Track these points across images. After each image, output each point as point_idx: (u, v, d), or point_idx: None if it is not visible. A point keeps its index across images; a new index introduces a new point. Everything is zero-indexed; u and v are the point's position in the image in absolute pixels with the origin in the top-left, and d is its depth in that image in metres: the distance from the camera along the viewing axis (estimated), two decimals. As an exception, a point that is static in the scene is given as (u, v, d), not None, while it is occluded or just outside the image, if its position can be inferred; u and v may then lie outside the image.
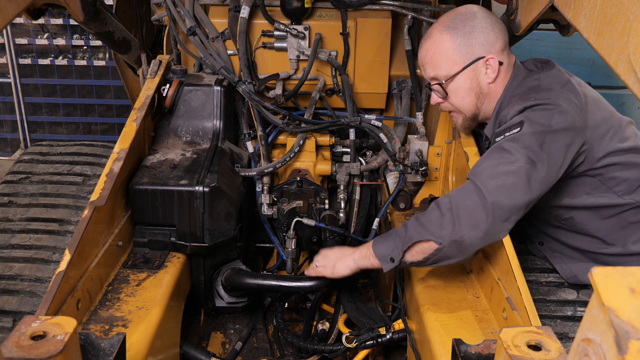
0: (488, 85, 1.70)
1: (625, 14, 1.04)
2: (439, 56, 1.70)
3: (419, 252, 1.53)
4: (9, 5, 1.31)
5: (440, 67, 1.71)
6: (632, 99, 4.28)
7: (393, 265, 1.58)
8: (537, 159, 1.47)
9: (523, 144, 1.49)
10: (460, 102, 1.75)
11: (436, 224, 1.49)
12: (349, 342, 1.76)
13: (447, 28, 1.69)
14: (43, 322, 0.92)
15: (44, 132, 5.03)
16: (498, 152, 1.53)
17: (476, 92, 1.72)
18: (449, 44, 1.68)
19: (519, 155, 1.48)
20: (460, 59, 1.68)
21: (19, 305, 1.63)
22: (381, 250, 1.59)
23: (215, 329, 2.20)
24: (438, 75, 1.73)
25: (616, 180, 1.63)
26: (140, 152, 1.90)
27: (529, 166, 1.46)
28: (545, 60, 1.76)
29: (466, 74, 1.69)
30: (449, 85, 1.73)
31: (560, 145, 1.51)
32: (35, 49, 4.74)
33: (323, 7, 2.24)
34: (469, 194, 1.48)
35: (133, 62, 2.58)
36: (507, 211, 1.45)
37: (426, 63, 1.75)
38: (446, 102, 1.79)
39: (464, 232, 1.45)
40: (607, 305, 0.55)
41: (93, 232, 1.55)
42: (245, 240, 2.12)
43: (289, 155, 2.15)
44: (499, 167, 1.48)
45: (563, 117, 1.51)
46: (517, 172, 1.46)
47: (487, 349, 1.06)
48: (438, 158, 2.12)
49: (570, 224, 1.73)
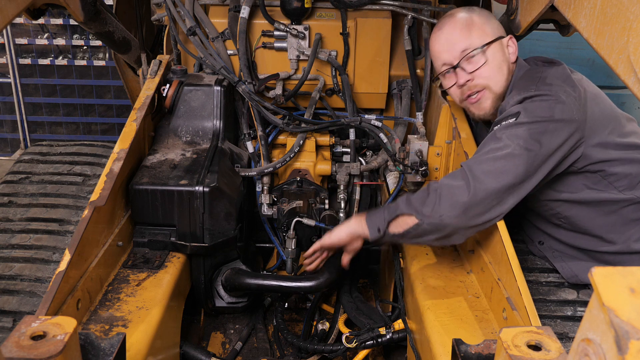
0: (511, 64, 1.74)
1: (625, 14, 1.04)
2: (472, 27, 1.72)
3: (401, 225, 1.61)
4: (9, 5, 1.31)
5: (473, 37, 1.71)
6: (632, 99, 4.28)
7: (379, 235, 1.66)
8: (527, 147, 1.50)
9: (515, 133, 1.53)
10: (497, 71, 1.71)
11: (420, 201, 1.57)
12: (349, 342, 1.76)
13: (467, 10, 1.75)
14: (43, 322, 0.92)
15: (44, 132, 5.03)
16: (491, 139, 1.58)
17: (508, 67, 1.73)
18: (477, 18, 1.73)
19: (509, 142, 1.52)
20: (490, 31, 1.72)
21: (19, 305, 1.63)
22: (372, 220, 1.68)
23: (215, 329, 2.20)
24: (472, 44, 1.71)
25: (617, 176, 1.64)
26: (140, 152, 1.90)
27: (517, 153, 1.50)
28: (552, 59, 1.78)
29: (497, 46, 1.72)
30: (486, 53, 1.70)
31: (553, 136, 1.53)
32: (35, 49, 4.74)
33: (323, 7, 2.24)
34: (455, 177, 1.55)
35: (133, 62, 2.58)
36: (489, 194, 1.49)
37: (456, 37, 1.72)
38: (476, 78, 1.72)
39: (442, 212, 1.51)
40: (607, 305, 0.55)
41: (93, 232, 1.55)
42: (245, 240, 2.12)
43: (289, 155, 2.15)
44: (489, 154, 1.53)
45: (561, 109, 1.53)
46: (504, 157, 1.51)
47: (487, 349, 1.06)
48: (438, 158, 2.12)
49: (570, 222, 1.73)
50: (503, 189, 1.49)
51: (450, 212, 1.50)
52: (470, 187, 1.48)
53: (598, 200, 1.66)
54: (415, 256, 1.84)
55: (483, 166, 1.51)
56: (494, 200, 1.50)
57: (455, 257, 1.84)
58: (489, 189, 1.48)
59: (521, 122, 1.53)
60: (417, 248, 1.88)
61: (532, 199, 1.75)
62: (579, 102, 1.56)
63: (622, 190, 1.65)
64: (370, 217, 1.70)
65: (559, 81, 1.60)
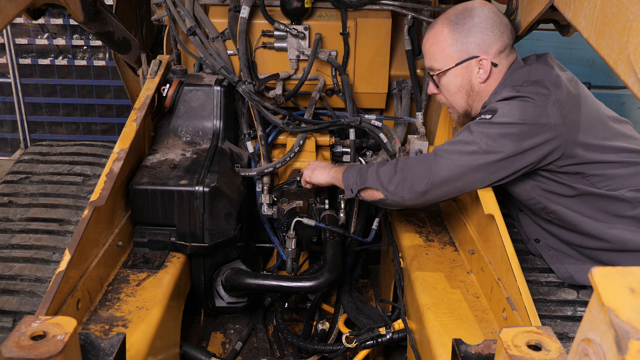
0: (479, 84, 1.74)
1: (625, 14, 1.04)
2: (436, 48, 1.75)
3: (369, 195, 1.78)
4: (9, 5, 1.31)
5: (435, 59, 1.77)
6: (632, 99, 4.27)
7: (352, 196, 1.82)
8: (493, 148, 1.56)
9: (486, 132, 1.57)
10: (451, 97, 1.80)
11: (387, 178, 1.70)
12: (349, 342, 1.76)
13: (449, 22, 1.73)
14: (43, 322, 0.92)
15: (44, 132, 5.03)
16: (465, 131, 1.64)
17: (467, 90, 1.76)
18: (447, 37, 1.72)
19: (477, 139, 1.58)
20: (455, 54, 1.72)
21: (19, 305, 1.63)
22: (347, 179, 1.83)
23: (215, 329, 2.20)
24: (433, 66, 1.79)
25: (600, 177, 1.63)
26: (140, 152, 1.90)
27: (482, 152, 1.57)
28: (543, 54, 1.78)
29: (458, 71, 1.73)
30: (441, 79, 1.78)
31: (523, 139, 1.55)
32: (35, 49, 4.74)
33: (323, 7, 2.24)
34: (422, 162, 1.66)
35: (133, 62, 2.58)
36: (446, 186, 1.62)
37: (425, 52, 1.82)
38: (440, 95, 1.84)
39: (404, 194, 1.67)
40: (607, 305, 0.55)
41: (93, 232, 1.55)
42: (245, 240, 2.12)
43: (289, 155, 2.15)
44: (457, 146, 1.62)
45: (537, 113, 1.54)
46: (469, 154, 1.58)
47: (487, 349, 1.06)
48: (438, 158, 2.11)
49: (558, 218, 1.72)
50: (461, 184, 1.62)
51: (410, 195, 1.66)
52: (430, 176, 1.61)
53: (583, 193, 1.65)
54: (415, 256, 1.84)
55: (448, 159, 1.61)
56: (450, 191, 1.64)
57: (455, 257, 1.84)
58: (446, 179, 1.61)
59: (495, 122, 1.57)
60: (417, 248, 1.88)
61: (522, 193, 1.75)
62: (559, 106, 1.56)
63: (607, 190, 1.63)
64: (346, 175, 1.83)
65: (545, 83, 1.60)
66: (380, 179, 1.71)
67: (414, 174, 1.65)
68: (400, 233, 1.98)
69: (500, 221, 1.55)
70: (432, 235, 1.95)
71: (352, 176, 1.81)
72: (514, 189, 1.75)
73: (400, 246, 1.94)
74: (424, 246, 1.89)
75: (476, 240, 1.73)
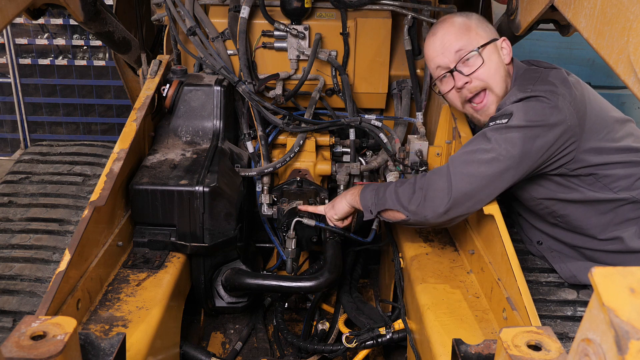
0: (506, 66, 1.73)
1: (625, 14, 1.04)
2: (465, 29, 1.72)
3: (391, 216, 1.72)
4: (9, 5, 1.31)
5: (468, 38, 1.70)
6: (632, 99, 4.27)
7: (371, 217, 1.76)
8: (513, 154, 1.53)
9: (505, 138, 1.54)
10: (494, 72, 1.69)
11: (407, 199, 1.64)
12: (349, 342, 1.76)
13: (459, 16, 1.75)
14: (43, 322, 0.92)
15: (44, 132, 5.03)
16: (480, 138, 1.59)
17: (505, 68, 1.73)
18: (469, 22, 1.73)
19: (496, 146, 1.53)
20: (484, 34, 1.72)
21: (19, 305, 1.63)
22: (364, 200, 1.77)
23: (215, 329, 2.20)
24: (467, 45, 1.69)
25: (611, 177, 1.64)
26: (140, 152, 1.90)
27: (502, 159, 1.53)
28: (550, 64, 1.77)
29: (492, 48, 1.71)
30: (483, 52, 1.69)
31: (542, 140, 1.54)
32: (35, 49, 4.74)
33: (323, 7, 2.24)
34: (440, 177, 1.59)
35: (133, 62, 2.58)
36: (469, 198, 1.56)
37: (450, 41, 1.70)
38: (475, 80, 1.69)
39: (427, 213, 1.60)
40: (607, 305, 0.55)
41: (93, 232, 1.55)
42: (245, 240, 2.12)
43: (289, 155, 2.15)
44: (475, 155, 1.56)
45: (553, 113, 1.53)
46: (488, 162, 1.53)
47: (487, 349, 1.06)
48: (438, 158, 2.12)
49: (566, 221, 1.73)
50: (482, 193, 1.56)
51: (433, 214, 1.60)
52: (451, 193, 1.55)
53: (593, 199, 1.66)
54: (415, 256, 1.84)
55: (466, 168, 1.55)
56: (473, 201, 1.57)
57: (455, 257, 1.84)
58: (468, 193, 1.55)
59: (512, 126, 1.54)
60: (417, 248, 1.88)
61: (528, 198, 1.75)
62: (573, 106, 1.56)
63: (617, 191, 1.65)
64: (363, 196, 1.78)
65: (557, 82, 1.60)
66: (400, 200, 1.65)
67: (434, 192, 1.58)
68: (400, 233, 1.98)
69: (500, 221, 1.55)
70: (432, 235, 1.95)
71: (369, 197, 1.75)
72: (522, 193, 1.75)
73: (400, 246, 1.94)
74: (424, 246, 1.89)
75: (476, 240, 1.73)
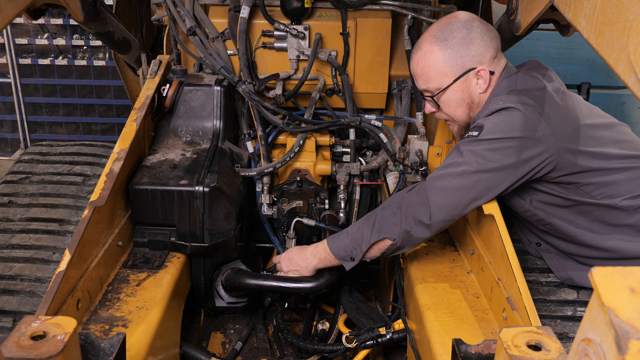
0: (479, 95, 1.69)
1: (625, 14, 1.04)
2: (429, 69, 1.68)
3: (377, 250, 1.68)
4: (9, 5, 1.31)
5: (431, 80, 1.70)
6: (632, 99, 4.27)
7: (353, 264, 1.72)
8: (485, 164, 1.53)
9: (475, 150, 1.54)
10: (452, 112, 1.74)
11: (389, 223, 1.64)
12: (349, 342, 1.76)
13: (437, 40, 1.66)
14: (43, 322, 0.92)
15: (44, 132, 5.03)
16: (454, 152, 1.61)
17: (468, 103, 1.71)
18: (439, 56, 1.66)
19: (468, 159, 1.55)
20: (450, 71, 1.66)
21: (19, 305, 1.63)
22: (339, 253, 1.73)
23: (215, 329, 2.20)
24: (429, 87, 1.72)
25: (593, 185, 1.61)
26: (140, 152, 1.90)
27: (473, 171, 1.54)
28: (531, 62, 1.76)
29: (457, 86, 1.68)
30: (440, 98, 1.71)
31: (514, 152, 1.52)
32: (35, 49, 4.74)
33: (323, 7, 2.24)
34: (416, 193, 1.62)
35: (133, 62, 2.58)
36: (448, 211, 1.58)
37: (417, 75, 1.74)
38: (440, 112, 1.78)
39: (410, 228, 1.61)
40: (607, 305, 0.55)
41: (93, 232, 1.55)
42: (245, 240, 2.12)
43: (289, 155, 2.15)
44: (448, 169, 1.58)
45: (524, 125, 1.51)
46: (461, 175, 1.55)
47: (487, 349, 1.06)
48: (438, 158, 2.12)
49: (555, 229, 1.72)
50: (460, 205, 1.58)
51: (417, 227, 1.61)
52: (430, 207, 1.57)
53: (579, 203, 1.64)
54: (415, 256, 1.84)
55: (442, 182, 1.58)
56: (454, 213, 1.59)
57: (455, 257, 1.84)
58: (447, 206, 1.57)
59: (482, 139, 1.54)
60: (417, 248, 1.88)
61: (517, 206, 1.74)
62: (546, 117, 1.53)
63: (601, 198, 1.62)
64: (335, 249, 1.74)
65: (531, 93, 1.58)
66: (383, 228, 1.64)
67: (413, 208, 1.60)
68: (400, 233, 1.98)
69: (500, 221, 1.55)
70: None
71: (342, 246, 1.72)
72: (510, 202, 1.74)
73: (400, 246, 1.94)
74: (424, 246, 1.89)
75: (476, 240, 1.73)
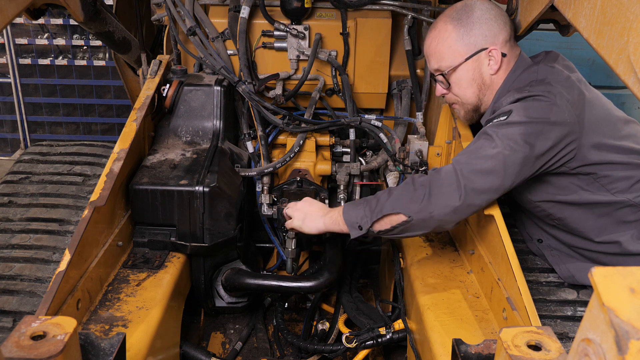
0: (490, 76, 1.73)
1: (625, 14, 1.04)
2: (442, 47, 1.73)
3: (387, 223, 1.59)
4: (9, 5, 1.31)
5: (443, 58, 1.74)
6: (632, 99, 4.27)
7: (360, 233, 1.64)
8: (516, 147, 1.51)
9: (506, 133, 1.53)
10: (462, 92, 1.77)
11: (407, 198, 1.55)
12: (349, 342, 1.76)
13: (451, 19, 1.72)
14: (43, 322, 0.92)
15: (44, 132, 5.03)
16: (482, 137, 1.59)
17: (478, 83, 1.74)
18: (452, 34, 1.71)
19: (499, 142, 1.53)
20: (463, 49, 1.71)
21: (19, 305, 1.63)
22: (350, 217, 1.65)
23: (215, 329, 2.20)
24: (441, 66, 1.76)
25: (610, 178, 1.63)
26: (140, 152, 1.90)
27: (507, 152, 1.51)
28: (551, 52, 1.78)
29: (469, 65, 1.72)
30: (451, 76, 1.75)
31: (544, 138, 1.53)
32: (35, 49, 4.74)
33: (323, 7, 2.24)
34: (445, 174, 1.54)
35: (133, 62, 2.58)
36: (479, 194, 1.52)
37: (430, 54, 1.79)
38: (450, 94, 1.81)
39: (433, 209, 1.52)
40: (607, 305, 0.55)
41: (93, 232, 1.55)
42: (245, 240, 2.12)
43: (289, 155, 2.15)
44: (479, 151, 1.55)
45: (552, 111, 1.53)
46: (494, 157, 1.52)
47: (487, 349, 1.06)
48: (438, 158, 2.12)
49: (563, 224, 1.73)
50: (492, 188, 1.53)
51: (442, 210, 1.52)
52: (462, 189, 1.51)
53: (591, 202, 1.65)
54: (415, 256, 1.84)
55: (474, 165, 1.53)
56: (484, 197, 1.54)
57: (455, 257, 1.84)
58: (479, 189, 1.52)
59: (513, 122, 1.54)
60: (417, 248, 1.88)
61: (526, 201, 1.75)
62: (572, 105, 1.55)
63: (615, 193, 1.64)
64: (348, 214, 1.66)
65: (555, 82, 1.60)
66: (400, 201, 1.56)
67: (441, 189, 1.52)
68: (400, 233, 1.98)
69: (500, 221, 1.55)
70: (432, 235, 1.95)
71: (356, 212, 1.64)
72: (519, 196, 1.75)
73: (400, 246, 1.94)
74: (424, 246, 1.89)
75: (476, 240, 1.73)
